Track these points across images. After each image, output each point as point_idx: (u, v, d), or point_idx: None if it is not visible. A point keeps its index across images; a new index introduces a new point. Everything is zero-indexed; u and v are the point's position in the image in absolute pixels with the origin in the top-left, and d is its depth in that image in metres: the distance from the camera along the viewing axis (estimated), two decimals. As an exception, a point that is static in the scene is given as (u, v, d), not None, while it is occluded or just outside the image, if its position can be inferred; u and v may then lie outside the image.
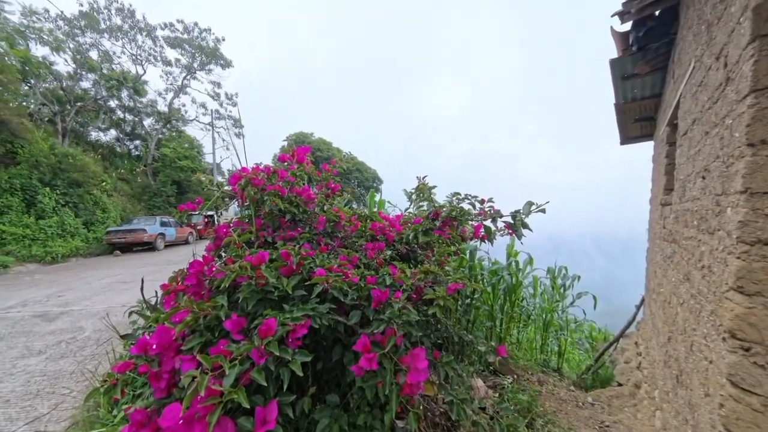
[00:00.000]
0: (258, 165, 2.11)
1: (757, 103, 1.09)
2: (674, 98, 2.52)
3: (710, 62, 1.60)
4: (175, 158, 18.74)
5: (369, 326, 1.35)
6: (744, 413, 1.11)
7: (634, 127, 4.49)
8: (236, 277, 1.38)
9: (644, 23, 2.57)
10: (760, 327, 1.08)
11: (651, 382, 2.82)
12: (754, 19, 1.09)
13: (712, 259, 1.41)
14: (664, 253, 2.73)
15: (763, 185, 1.07)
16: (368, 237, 2.17)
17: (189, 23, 20.93)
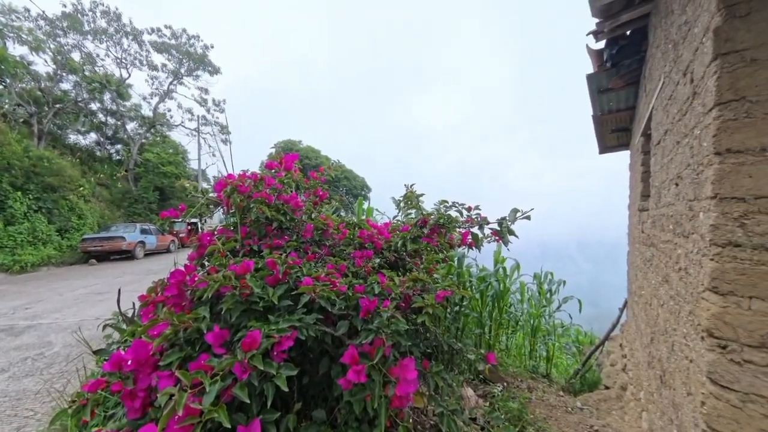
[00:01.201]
0: (245, 172, 2.07)
1: (721, 115, 1.17)
2: (647, 110, 2.65)
3: (678, 78, 1.70)
4: (159, 164, 18.23)
5: (357, 337, 1.32)
6: (724, 410, 1.14)
7: (611, 137, 4.70)
8: (219, 287, 1.33)
9: (617, 42, 2.77)
10: (734, 325, 1.13)
11: (636, 384, 2.88)
12: (715, 39, 1.18)
13: (688, 262, 1.46)
14: (643, 256, 2.82)
15: (730, 191, 1.14)
16: (356, 245, 2.14)
17: (177, 29, 20.72)
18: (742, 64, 1.14)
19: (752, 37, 1.12)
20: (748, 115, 1.13)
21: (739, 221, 1.13)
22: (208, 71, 22.20)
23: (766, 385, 1.08)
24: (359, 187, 26.57)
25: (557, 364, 4.65)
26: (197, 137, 21.89)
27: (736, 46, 1.15)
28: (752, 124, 1.12)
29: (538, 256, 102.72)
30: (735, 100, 1.16)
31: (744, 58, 1.14)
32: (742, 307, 1.12)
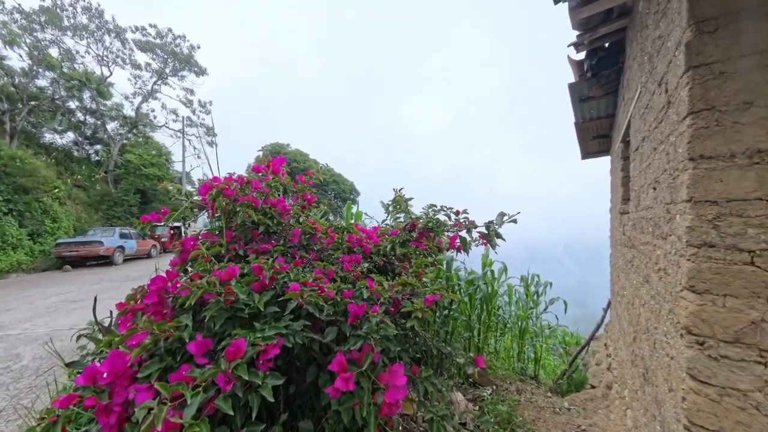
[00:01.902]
0: (231, 175, 2.03)
1: (694, 123, 1.23)
2: (625, 118, 2.76)
3: (654, 88, 1.78)
4: (141, 165, 17.57)
5: (345, 343, 1.30)
6: (703, 404, 1.19)
7: (593, 143, 4.87)
8: (203, 293, 1.29)
9: (596, 53, 2.91)
10: (710, 322, 1.18)
11: (621, 382, 2.95)
12: (686, 53, 1.25)
13: (666, 262, 1.52)
14: (625, 258, 2.92)
15: (704, 194, 1.21)
16: (345, 249, 2.13)
17: (163, 29, 20.18)
18: (711, 76, 1.21)
19: (720, 52, 1.19)
20: (718, 124, 1.19)
21: (713, 223, 1.19)
22: (195, 72, 21.74)
23: (741, 379, 1.13)
24: (348, 191, 26.48)
25: (545, 365, 4.72)
26: (182, 139, 21.37)
27: (705, 60, 1.21)
28: (722, 132, 1.19)
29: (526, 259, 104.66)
30: (706, 110, 1.22)
31: (713, 71, 1.20)
32: (717, 304, 1.18)
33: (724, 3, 1.18)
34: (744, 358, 1.13)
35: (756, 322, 1.12)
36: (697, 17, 1.22)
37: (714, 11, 1.19)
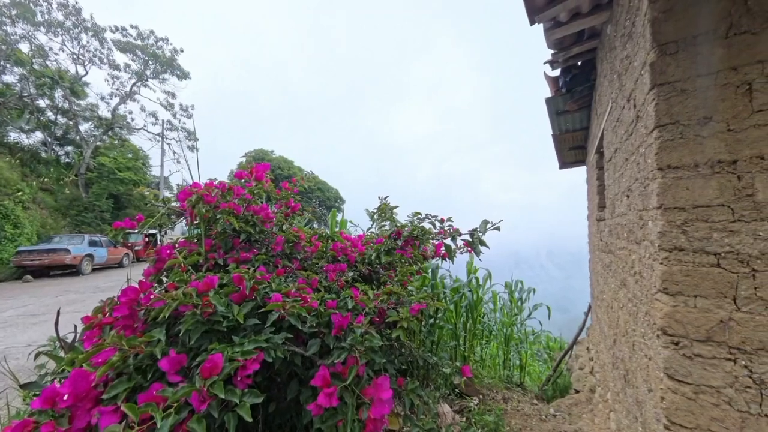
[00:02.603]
0: (212, 181, 1.96)
1: (661, 136, 1.32)
2: (599, 131, 2.92)
3: (623, 103, 1.89)
4: (115, 169, 16.70)
5: (329, 356, 1.26)
6: (681, 403, 1.23)
7: (569, 154, 5.11)
8: (179, 305, 1.22)
9: (570, 71, 3.11)
10: (684, 322, 1.24)
11: (603, 385, 3.01)
12: (651, 72, 1.35)
13: (641, 266, 1.59)
14: (603, 262, 3.02)
15: (672, 201, 1.28)
16: (329, 258, 2.09)
17: (144, 30, 19.70)
18: (674, 93, 1.30)
19: (681, 72, 1.28)
20: (682, 137, 1.28)
21: (682, 228, 1.26)
22: (177, 75, 21.24)
23: (713, 376, 1.19)
24: (333, 199, 26.31)
25: (530, 371, 4.76)
26: (161, 142, 20.63)
27: (668, 78, 1.31)
28: (686, 144, 1.27)
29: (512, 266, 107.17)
30: (671, 124, 1.30)
31: (676, 89, 1.30)
32: (689, 305, 1.23)
33: (683, 28, 1.28)
34: (715, 355, 1.19)
35: (724, 321, 1.18)
36: (659, 41, 1.32)
37: (674, 35, 1.29)
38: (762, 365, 1.13)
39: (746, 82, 1.20)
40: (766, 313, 1.14)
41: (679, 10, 1.29)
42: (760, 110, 1.18)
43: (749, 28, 1.19)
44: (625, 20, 1.76)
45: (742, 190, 1.18)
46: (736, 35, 1.21)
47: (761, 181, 1.16)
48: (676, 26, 1.29)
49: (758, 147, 1.17)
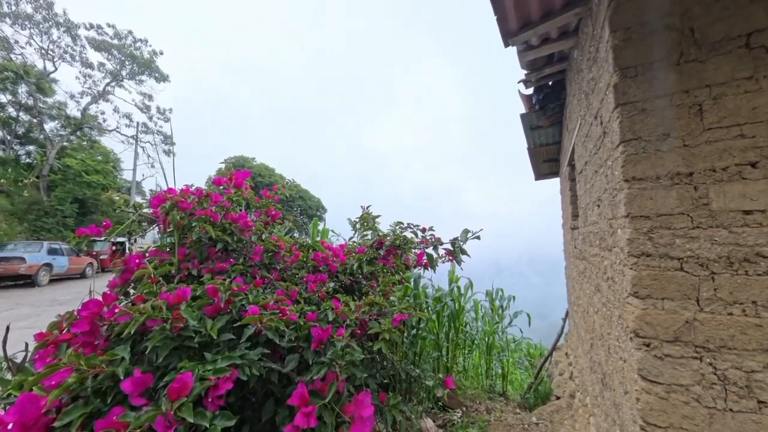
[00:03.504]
0: (188, 187, 1.89)
1: (626, 150, 1.42)
2: (570, 145, 3.09)
3: (591, 120, 2.03)
4: (83, 171, 15.61)
5: (308, 372, 1.22)
6: (655, 403, 1.27)
7: (544, 166, 5.36)
8: (146, 320, 1.15)
9: (542, 90, 3.33)
10: (654, 324, 1.31)
11: (583, 390, 3.06)
12: (615, 93, 1.46)
13: (613, 272, 1.67)
14: (578, 269, 3.14)
15: (639, 210, 1.37)
16: (310, 268, 2.05)
17: (122, 30, 18.98)
18: (636, 111, 1.41)
19: (641, 93, 1.40)
20: (645, 151, 1.38)
21: (648, 235, 1.34)
22: (155, 77, 20.56)
23: (682, 375, 1.25)
24: (315, 208, 25.99)
25: (512, 380, 4.80)
26: (135, 145, 19.65)
27: (630, 98, 1.42)
28: (648, 158, 1.37)
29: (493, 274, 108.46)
30: (634, 139, 1.40)
31: (637, 108, 1.41)
32: (657, 307, 1.30)
33: (641, 55, 1.40)
34: (683, 354, 1.25)
35: (689, 321, 1.25)
36: (620, 65, 1.44)
37: (633, 61, 1.42)
38: (724, 362, 1.20)
39: (697, 104, 1.31)
40: (725, 313, 1.22)
41: (636, 39, 1.42)
42: (710, 128, 1.29)
43: (697, 57, 1.32)
44: (590, 46, 1.90)
45: (699, 199, 1.28)
46: (686, 62, 1.34)
47: (714, 192, 1.26)
48: (634, 53, 1.42)
49: (710, 161, 1.27)
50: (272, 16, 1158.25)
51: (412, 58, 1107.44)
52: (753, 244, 1.19)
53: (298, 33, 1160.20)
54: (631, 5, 1.42)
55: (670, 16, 1.35)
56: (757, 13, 1.24)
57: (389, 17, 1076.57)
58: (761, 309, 1.17)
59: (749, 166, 1.22)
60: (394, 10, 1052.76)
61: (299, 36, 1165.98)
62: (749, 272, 1.19)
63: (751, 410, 1.16)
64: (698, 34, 1.32)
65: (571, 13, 1.98)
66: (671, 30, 1.35)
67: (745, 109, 1.25)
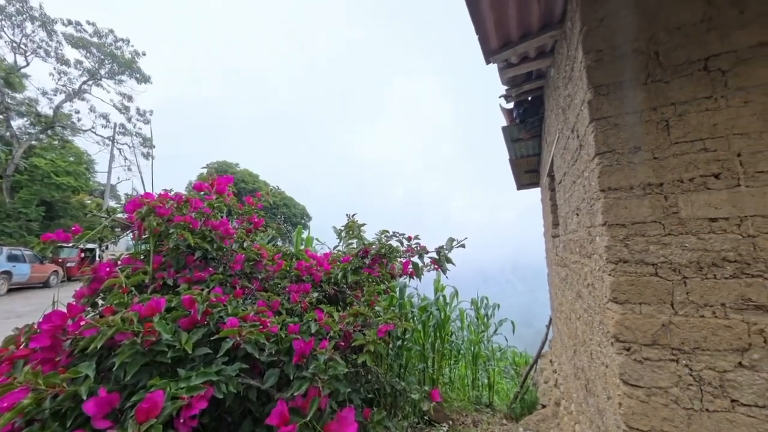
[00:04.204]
0: (167, 192, 1.81)
1: (601, 162, 1.50)
2: (549, 157, 3.21)
3: (568, 133, 2.13)
4: (52, 172, 14.65)
5: (288, 388, 1.17)
6: (636, 407, 1.30)
7: (525, 176, 5.55)
8: (115, 333, 1.08)
9: (522, 104, 3.49)
10: (633, 328, 1.35)
11: (567, 397, 3.08)
12: (589, 109, 1.56)
13: (593, 278, 1.72)
14: (560, 276, 3.22)
15: (615, 219, 1.43)
16: (293, 278, 2.00)
17: (103, 28, 18.34)
18: (609, 126, 1.49)
19: (613, 109, 1.49)
20: (618, 163, 1.46)
21: (624, 242, 1.40)
22: (136, 78, 19.92)
23: (661, 377, 1.28)
24: (299, 215, 25.60)
25: (498, 390, 4.77)
26: (111, 147, 18.72)
27: (603, 114, 1.51)
28: (621, 170, 1.44)
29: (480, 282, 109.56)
30: (609, 152, 1.48)
31: (610, 123, 1.49)
32: (635, 312, 1.34)
33: (612, 75, 1.50)
34: (661, 357, 1.29)
35: (665, 325, 1.29)
36: (594, 84, 1.53)
37: (605, 80, 1.51)
38: (699, 363, 1.25)
39: (664, 120, 1.41)
40: (698, 315, 1.27)
41: (608, 60, 1.52)
42: (676, 142, 1.38)
43: (662, 78, 1.43)
44: (566, 66, 2.02)
45: (669, 208, 1.35)
46: (653, 82, 1.44)
47: (683, 201, 1.33)
48: (606, 73, 1.52)
49: (678, 172, 1.35)
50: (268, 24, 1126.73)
51: (402, 68, 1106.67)
52: (719, 250, 1.26)
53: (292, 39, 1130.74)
54: (602, 30, 1.53)
55: (637, 41, 1.46)
56: (713, 41, 1.36)
57: (382, 27, 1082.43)
58: (729, 311, 1.23)
59: (713, 177, 1.31)
60: (387, 20, 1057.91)
61: (293, 42, 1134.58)
62: (717, 276, 1.25)
63: (725, 409, 1.20)
64: (663, 58, 1.43)
65: (547, 35, 2.10)
66: (638, 53, 1.46)
67: (707, 125, 1.34)
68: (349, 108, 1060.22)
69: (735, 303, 1.22)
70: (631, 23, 1.47)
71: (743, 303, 1.21)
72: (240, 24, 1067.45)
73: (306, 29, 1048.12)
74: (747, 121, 1.29)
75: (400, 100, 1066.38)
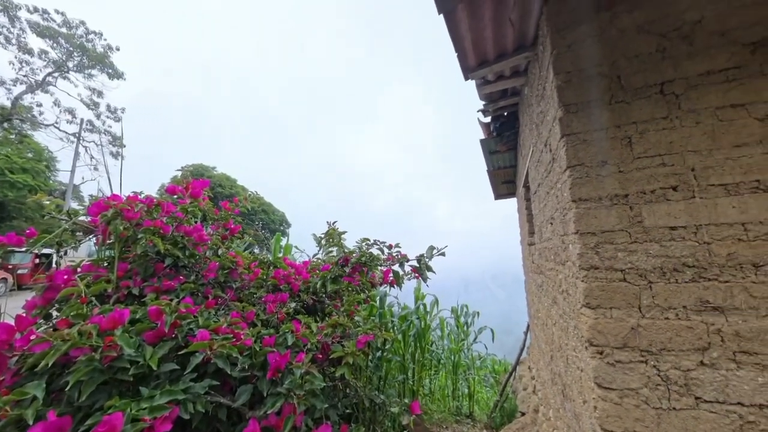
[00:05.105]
0: (137, 194, 1.71)
1: (572, 174, 1.59)
2: (524, 169, 3.37)
3: (542, 147, 2.24)
4: (6, 169, 13.37)
5: (262, 405, 1.11)
6: (610, 409, 1.34)
7: (503, 186, 5.77)
8: (70, 349, 0.99)
9: (499, 119, 3.65)
10: (605, 332, 1.41)
11: (546, 404, 3.11)
12: (560, 125, 1.66)
13: (567, 284, 1.79)
14: (536, 283, 3.31)
15: (586, 227, 1.51)
16: (270, 287, 1.92)
17: (73, 19, 17.25)
18: (578, 141, 1.59)
19: (582, 126, 1.60)
20: (588, 175, 1.55)
21: (595, 250, 1.48)
22: (108, 73, 18.84)
23: (632, 379, 1.33)
24: (278, 222, 24.93)
25: (478, 399, 4.76)
26: (76, 144, 17.22)
27: (573, 131, 1.61)
28: (590, 182, 1.54)
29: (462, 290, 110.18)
30: (579, 165, 1.57)
31: (579, 138, 1.60)
32: (607, 316, 1.41)
33: (580, 95, 1.62)
34: (631, 359, 1.35)
35: (634, 328, 1.36)
36: (564, 102, 1.65)
37: (575, 99, 1.63)
38: (665, 363, 1.32)
39: (627, 137, 1.52)
40: (663, 318, 1.35)
41: (576, 81, 1.64)
42: (638, 157, 1.49)
43: (624, 99, 1.56)
44: (538, 85, 2.15)
45: (634, 217, 1.45)
46: (616, 103, 1.57)
47: (646, 211, 1.44)
48: (575, 93, 1.64)
49: (641, 184, 1.46)
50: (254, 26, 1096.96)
51: (391, 77, 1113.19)
52: (679, 256, 1.35)
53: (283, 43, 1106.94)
54: (570, 55, 1.66)
55: (600, 66, 1.59)
56: (667, 68, 1.50)
57: (371, 38, 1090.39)
58: (690, 312, 1.31)
59: (671, 189, 1.41)
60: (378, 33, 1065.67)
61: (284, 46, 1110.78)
62: (678, 280, 1.34)
63: (690, 407, 1.26)
64: (624, 81, 1.56)
65: (521, 56, 2.24)
66: (603, 76, 1.59)
67: (664, 142, 1.46)
68: (337, 118, 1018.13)
69: (695, 305, 1.31)
70: (596, 50, 1.60)
71: (702, 305, 1.30)
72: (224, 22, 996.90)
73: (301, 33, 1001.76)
74: (698, 140, 1.41)
75: (388, 110, 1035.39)
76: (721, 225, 1.33)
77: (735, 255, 1.30)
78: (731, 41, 1.42)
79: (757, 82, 1.37)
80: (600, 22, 1.61)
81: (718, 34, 1.44)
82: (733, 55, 1.41)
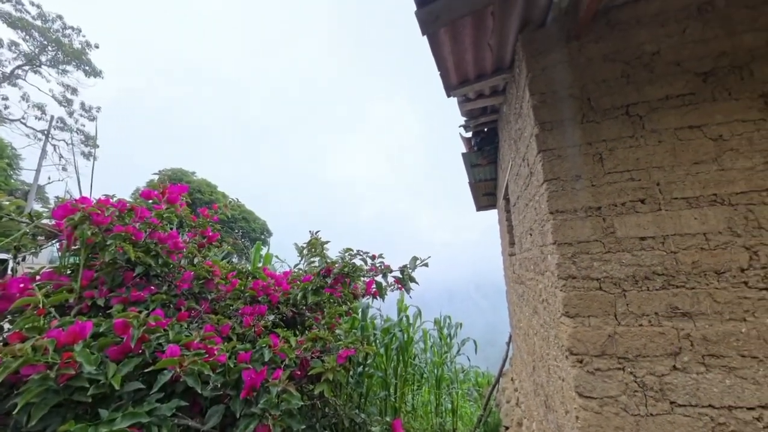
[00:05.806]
0: (108, 197, 1.61)
1: (549, 188, 1.66)
2: (504, 182, 3.49)
3: (520, 162, 2.34)
4: None
5: (234, 428, 1.04)
6: (591, 419, 1.35)
7: (484, 198, 5.94)
8: (21, 366, 0.90)
9: (480, 134, 3.80)
10: (584, 341, 1.43)
11: (529, 416, 3.09)
12: (537, 141, 1.75)
13: (547, 294, 1.83)
14: (517, 293, 3.36)
15: (563, 238, 1.57)
16: (247, 299, 1.84)
17: (49, 12, 16.41)
18: (554, 157, 1.68)
19: (556, 142, 1.69)
20: (563, 189, 1.62)
21: (572, 260, 1.53)
22: (84, 70, 17.94)
23: (611, 387, 1.36)
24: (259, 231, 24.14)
25: (462, 415, 4.67)
26: (44, 141, 16.04)
27: (549, 146, 1.70)
28: (566, 194, 1.61)
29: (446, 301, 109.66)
30: (555, 179, 1.64)
31: (555, 154, 1.68)
32: (585, 325, 1.44)
33: (554, 114, 1.72)
34: (609, 367, 1.38)
35: (611, 335, 1.40)
36: (540, 120, 1.74)
37: (549, 117, 1.73)
38: (641, 369, 1.36)
39: (598, 153, 1.62)
40: (637, 325, 1.40)
41: (550, 102, 1.75)
42: (609, 172, 1.58)
43: (594, 119, 1.67)
44: (516, 103, 2.27)
45: (607, 228, 1.52)
46: (587, 122, 1.68)
47: (618, 222, 1.51)
48: (549, 112, 1.74)
49: (612, 197, 1.54)
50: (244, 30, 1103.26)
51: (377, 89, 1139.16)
52: (649, 264, 1.42)
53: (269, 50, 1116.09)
54: (544, 78, 1.77)
55: (572, 88, 1.71)
56: (631, 92, 1.63)
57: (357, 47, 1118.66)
58: (662, 318, 1.37)
59: (639, 202, 1.50)
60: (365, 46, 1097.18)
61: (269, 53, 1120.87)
62: (650, 288, 1.40)
63: (666, 412, 1.30)
64: (593, 103, 1.68)
65: (499, 77, 2.37)
66: (574, 98, 1.70)
67: (632, 159, 1.56)
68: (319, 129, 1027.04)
69: (666, 311, 1.37)
70: (567, 74, 1.72)
71: (672, 311, 1.36)
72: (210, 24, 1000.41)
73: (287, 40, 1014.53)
74: (662, 157, 1.52)
75: (373, 122, 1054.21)
76: (685, 235, 1.42)
77: (699, 263, 1.38)
78: (686, 70, 1.56)
79: (709, 106, 1.51)
80: (570, 50, 1.74)
81: (674, 63, 1.59)
82: (688, 83, 1.55)
